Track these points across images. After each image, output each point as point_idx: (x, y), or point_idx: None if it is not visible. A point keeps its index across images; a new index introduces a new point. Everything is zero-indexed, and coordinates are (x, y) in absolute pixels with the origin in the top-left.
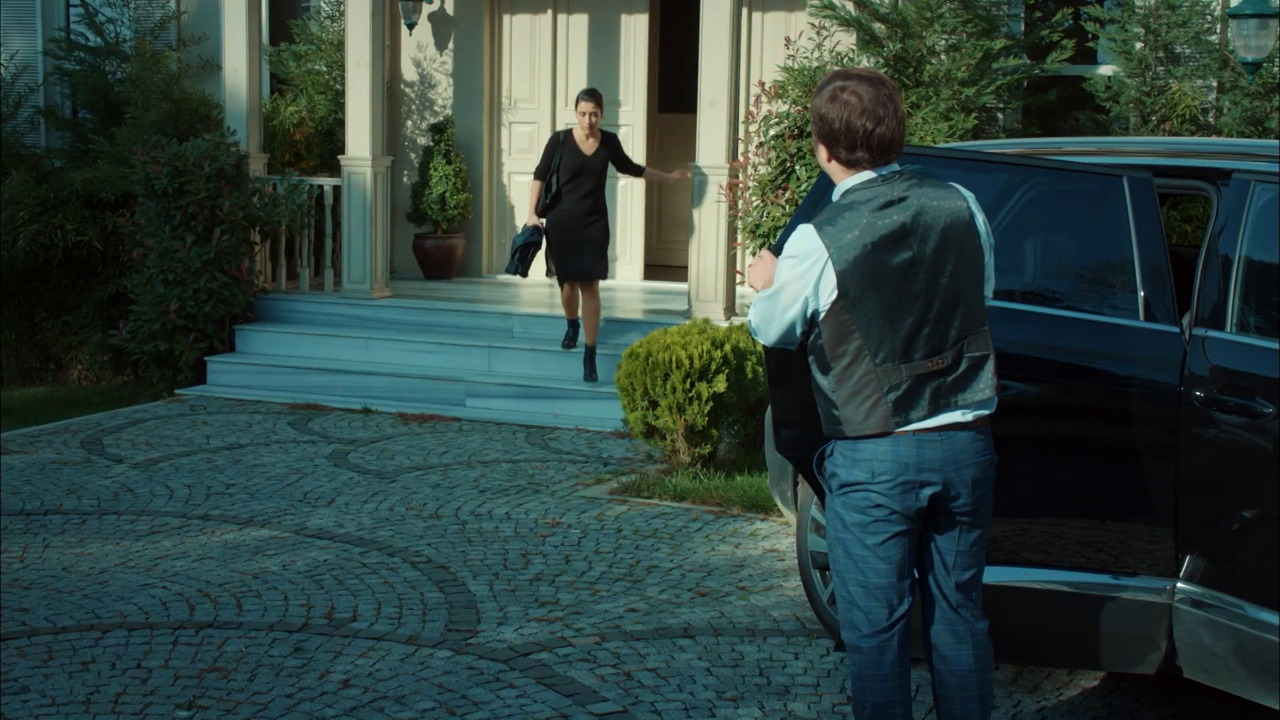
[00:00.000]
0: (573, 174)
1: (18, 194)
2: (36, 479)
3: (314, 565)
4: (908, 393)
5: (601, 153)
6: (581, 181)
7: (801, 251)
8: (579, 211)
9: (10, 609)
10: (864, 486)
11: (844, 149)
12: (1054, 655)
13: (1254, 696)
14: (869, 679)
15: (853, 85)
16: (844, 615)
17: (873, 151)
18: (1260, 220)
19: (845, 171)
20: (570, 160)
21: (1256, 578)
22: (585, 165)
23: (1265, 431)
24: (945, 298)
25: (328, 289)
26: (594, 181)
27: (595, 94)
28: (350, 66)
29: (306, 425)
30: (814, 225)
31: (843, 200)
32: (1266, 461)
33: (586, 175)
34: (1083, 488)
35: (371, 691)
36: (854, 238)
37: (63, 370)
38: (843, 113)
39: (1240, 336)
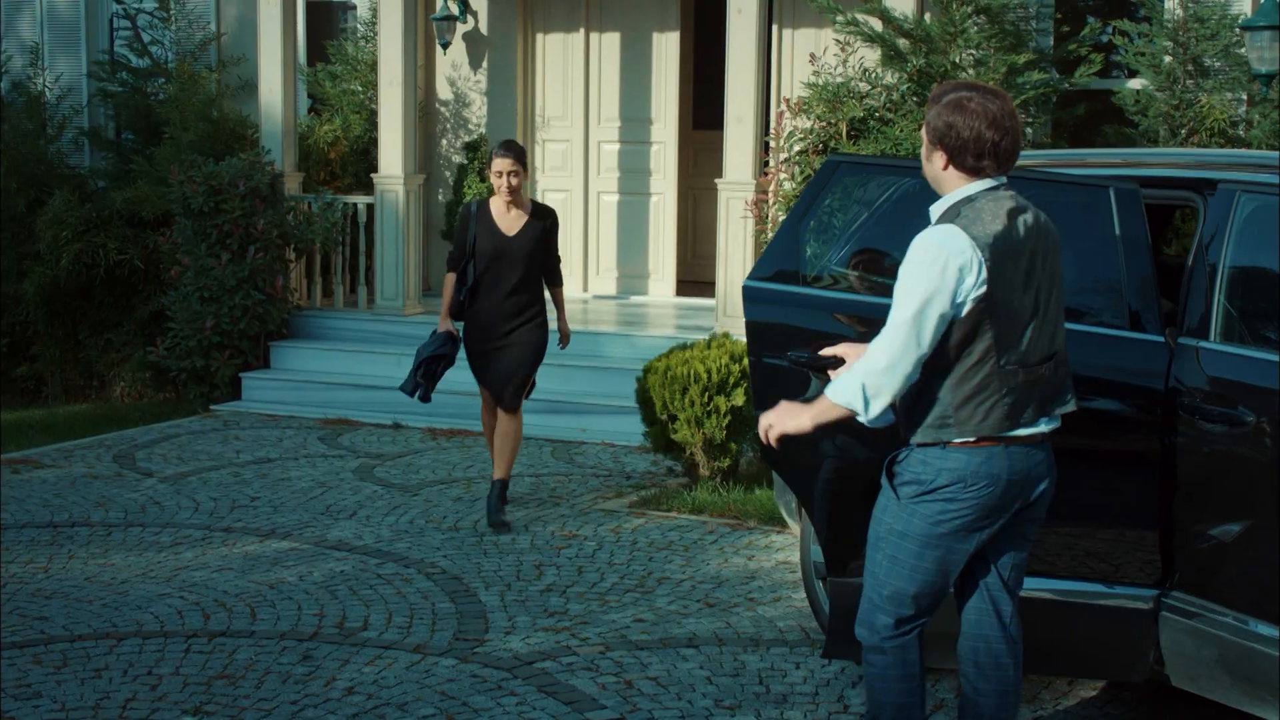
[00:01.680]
0: (490, 259)
1: (61, 213)
2: (67, 492)
3: (330, 576)
4: (1022, 397)
5: (530, 232)
6: (503, 269)
7: (953, 249)
8: (502, 312)
9: (31, 617)
10: (949, 495)
11: (971, 157)
12: (1042, 662)
13: (1238, 704)
14: (894, 679)
15: (978, 96)
16: (865, 616)
17: (998, 160)
18: (1244, 230)
19: (964, 179)
20: (486, 241)
21: (1240, 586)
22: (505, 248)
23: (1247, 440)
24: (1051, 305)
25: (361, 306)
26: (520, 270)
27: (515, 147)
28: (383, 86)
29: (336, 440)
30: (957, 225)
31: (967, 206)
32: (1249, 470)
33: (509, 262)
34: (1069, 496)
35: (375, 699)
36: (999, 238)
37: (106, 387)
38: (973, 122)
39: (1223, 346)
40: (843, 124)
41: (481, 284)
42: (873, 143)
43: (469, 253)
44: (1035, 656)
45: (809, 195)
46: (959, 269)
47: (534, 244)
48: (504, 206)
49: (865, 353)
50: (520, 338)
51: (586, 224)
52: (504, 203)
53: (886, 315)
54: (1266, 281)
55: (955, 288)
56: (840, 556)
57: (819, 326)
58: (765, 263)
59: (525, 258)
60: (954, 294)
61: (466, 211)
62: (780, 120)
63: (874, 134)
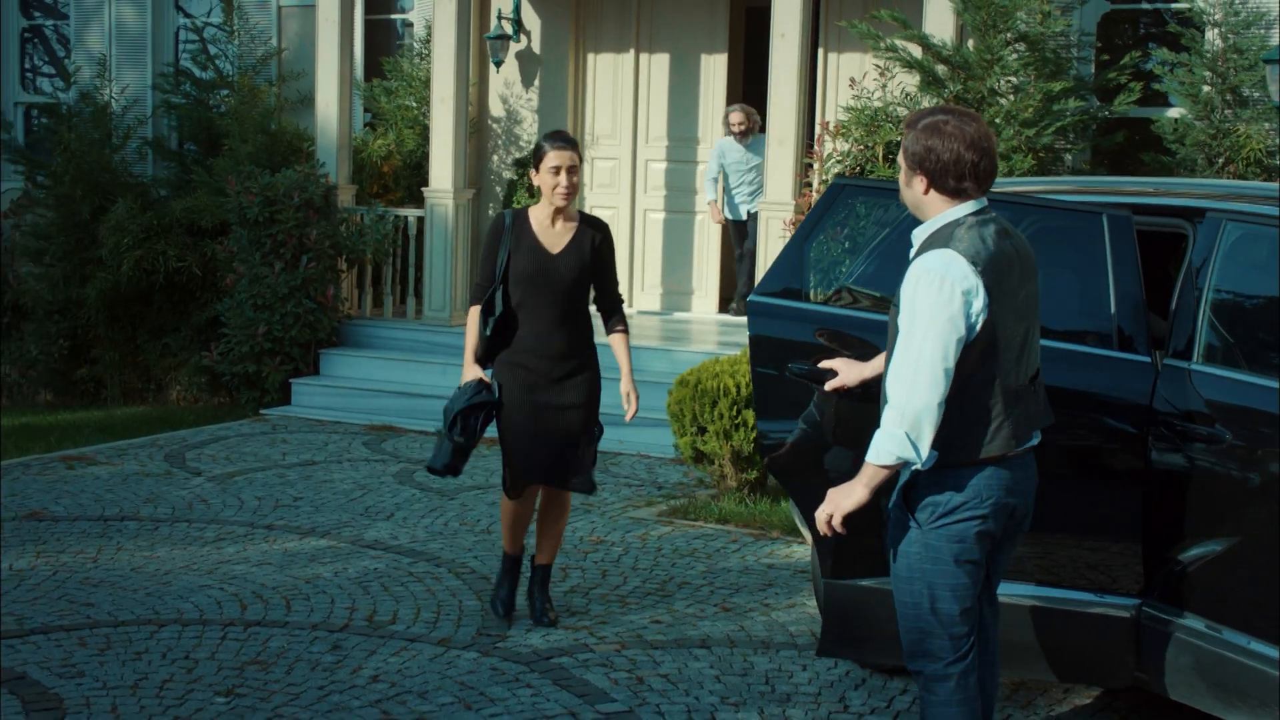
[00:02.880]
0: (528, 284)
1: (124, 221)
2: (119, 488)
3: (364, 573)
4: (1020, 415)
5: (579, 248)
6: (545, 297)
7: (956, 275)
8: (547, 352)
9: (79, 603)
10: (969, 513)
11: (953, 179)
12: (1029, 666)
13: (1212, 709)
14: (959, 703)
15: (954, 119)
16: (920, 648)
17: (978, 182)
18: (1229, 256)
19: (947, 202)
20: (524, 260)
21: (1214, 596)
22: (548, 269)
23: (1225, 458)
24: (1033, 325)
25: (410, 316)
26: (567, 298)
27: (570, 138)
28: (435, 102)
29: (380, 445)
30: (952, 249)
31: (957, 229)
32: (1226, 487)
33: (553, 286)
34: (1057, 508)
35: (397, 686)
36: (994, 260)
37: (163, 391)
38: (951, 144)
39: (1205, 367)
40: (879, 147)
41: (517, 316)
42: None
43: (499, 277)
44: (1025, 660)
45: (814, 216)
46: (964, 294)
47: (584, 264)
48: (548, 217)
49: (890, 397)
50: (574, 394)
51: (633, 241)
52: (550, 211)
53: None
54: (1248, 306)
55: (965, 312)
56: (835, 560)
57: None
58: (770, 279)
59: (574, 281)
60: (966, 318)
61: (498, 225)
62: (820, 142)
63: None
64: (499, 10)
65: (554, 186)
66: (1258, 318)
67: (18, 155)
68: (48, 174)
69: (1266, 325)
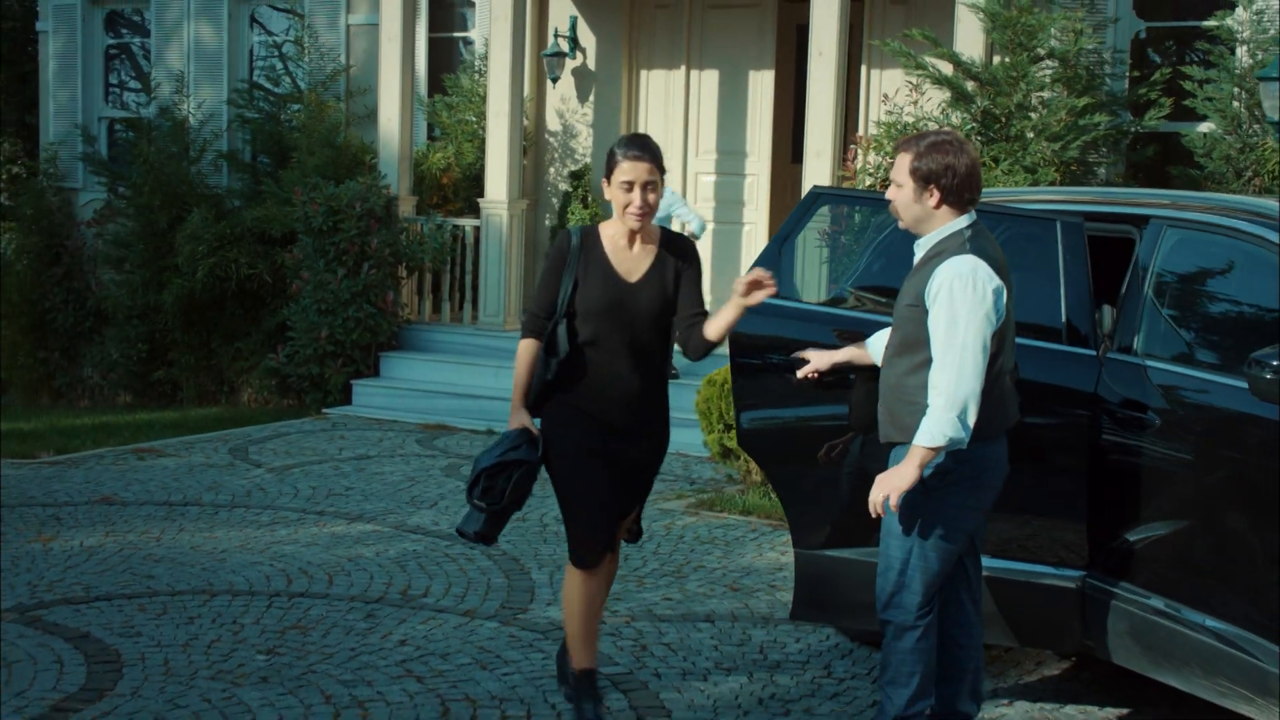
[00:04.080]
0: (601, 318)
1: (199, 230)
2: (184, 478)
3: (403, 554)
4: (1010, 398)
5: (662, 275)
6: (622, 334)
7: (984, 276)
8: (621, 400)
9: (141, 575)
10: (971, 484)
11: (968, 192)
12: (991, 632)
13: (1144, 670)
14: (924, 650)
15: (955, 140)
16: (894, 600)
17: (977, 195)
18: (1168, 259)
19: (952, 214)
20: (597, 290)
21: (1149, 569)
22: (626, 301)
23: (1154, 441)
24: (1013, 320)
25: (466, 321)
26: (647, 334)
27: (652, 145)
28: (491, 116)
29: (432, 443)
30: (974, 255)
31: (969, 237)
32: (1156, 469)
33: (630, 321)
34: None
35: (422, 649)
36: (1002, 264)
37: (235, 393)
38: (965, 160)
39: (1142, 360)
40: None
41: (586, 356)
42: None
43: (563, 308)
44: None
45: (791, 221)
46: (994, 292)
47: (666, 296)
48: (623, 236)
49: (937, 387)
50: (643, 449)
51: None
52: (627, 233)
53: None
54: (1183, 305)
55: (995, 307)
56: (806, 532)
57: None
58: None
59: (654, 316)
60: (995, 313)
61: (563, 245)
62: (852, 156)
63: None
64: (555, 29)
65: (625, 205)
66: (1191, 316)
67: (101, 167)
68: (128, 185)
69: (1198, 322)
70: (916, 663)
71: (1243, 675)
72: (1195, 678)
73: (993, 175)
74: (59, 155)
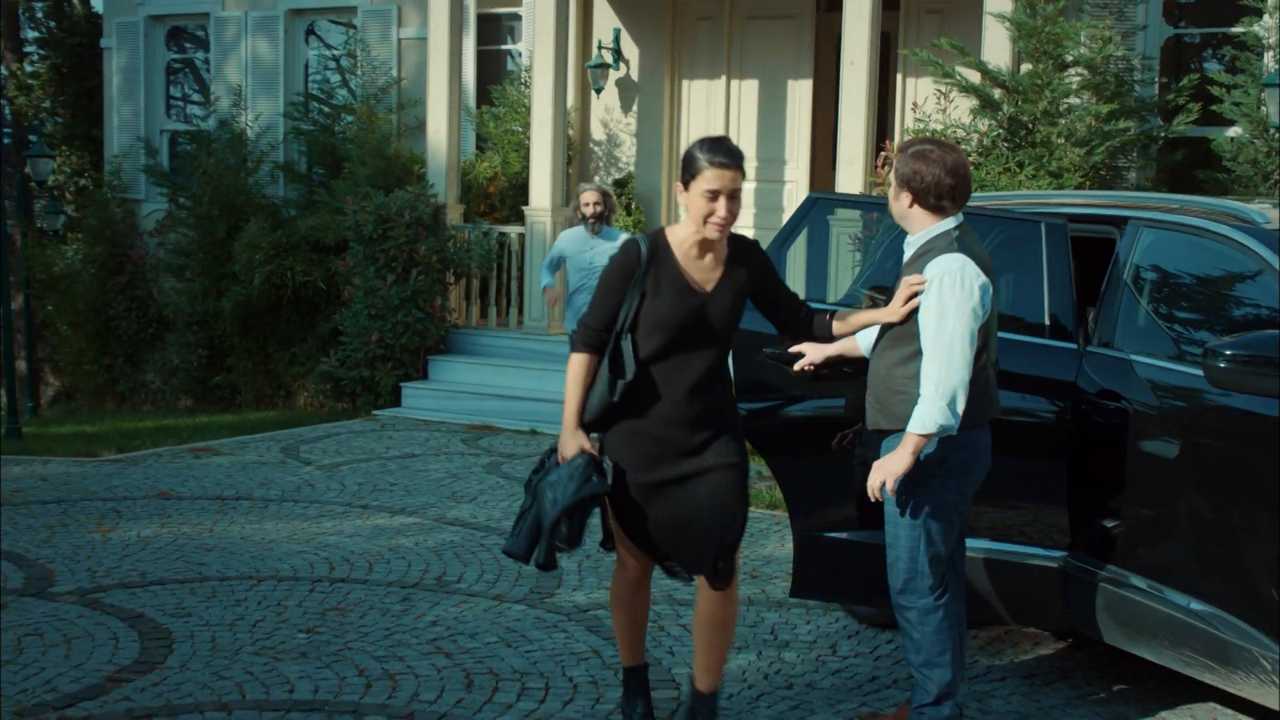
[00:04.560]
0: (674, 335)
1: (255, 239)
2: (238, 474)
3: (441, 544)
4: (995, 389)
5: (735, 284)
6: (694, 350)
7: (971, 274)
8: (687, 419)
9: (193, 563)
10: (965, 469)
11: (933, 197)
12: (986, 610)
13: (1120, 644)
14: (948, 629)
15: (937, 149)
16: (909, 585)
17: (955, 201)
18: (1144, 257)
19: (929, 217)
20: (672, 305)
21: (1121, 548)
22: (701, 315)
23: (1130, 430)
24: (995, 315)
25: (511, 325)
26: (718, 348)
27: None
28: (534, 127)
29: (476, 442)
30: (962, 254)
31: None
32: (1133, 454)
33: (703, 337)
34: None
35: (451, 629)
36: (987, 263)
37: (291, 397)
38: (934, 169)
39: (1118, 352)
40: None
41: (654, 375)
42: None
43: (626, 323)
44: (982, 605)
45: (790, 224)
46: (980, 288)
47: (739, 301)
48: (697, 246)
49: (928, 378)
50: (721, 455)
51: None
52: (700, 241)
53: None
54: (1156, 300)
55: (981, 302)
56: (805, 516)
57: None
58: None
59: (728, 326)
60: (982, 308)
61: (630, 255)
62: (882, 163)
63: None
64: (599, 41)
65: (708, 215)
66: (1163, 310)
67: (162, 179)
68: (188, 196)
69: (1169, 317)
70: (945, 641)
71: (1205, 646)
72: (1164, 649)
73: (1018, 180)
74: (123, 168)
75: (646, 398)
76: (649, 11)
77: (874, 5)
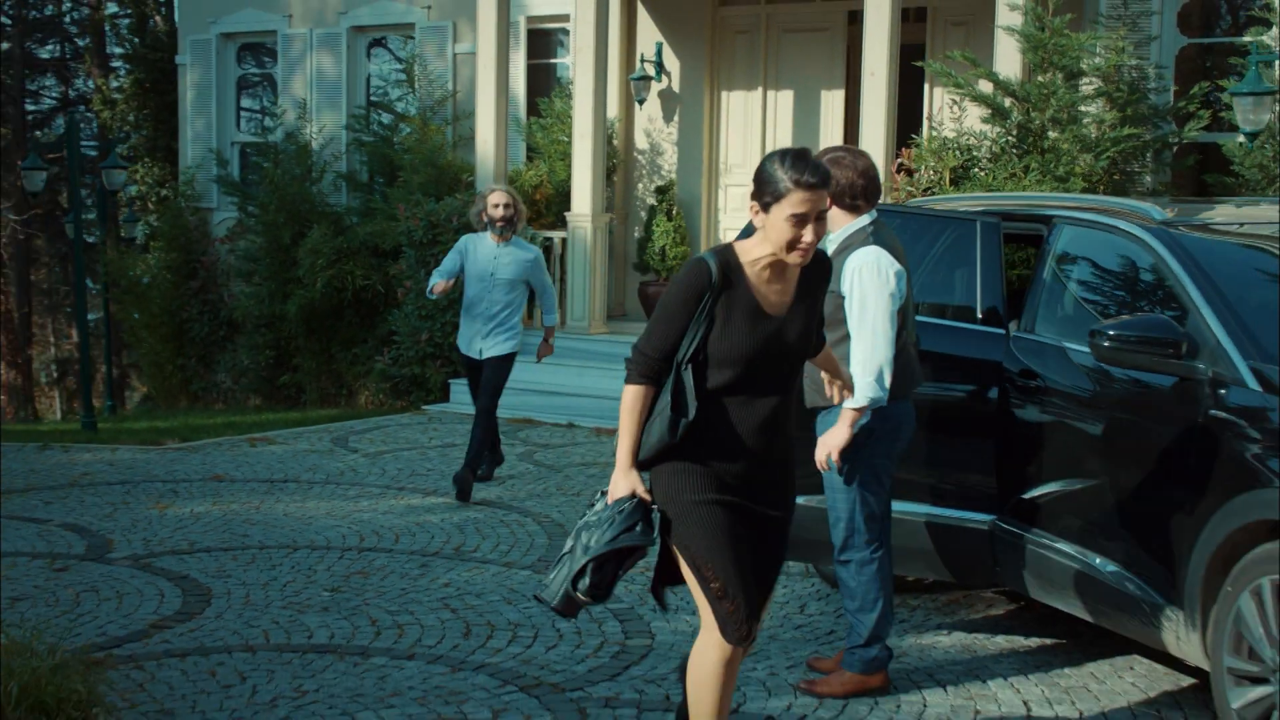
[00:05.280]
0: (748, 364)
1: (318, 245)
2: (289, 460)
3: (465, 520)
4: (916, 364)
5: (809, 304)
6: (768, 381)
7: (887, 263)
8: (764, 458)
9: (237, 534)
10: (893, 436)
11: (848, 198)
12: (928, 568)
13: (1038, 596)
14: (884, 579)
15: (849, 155)
16: (849, 542)
17: (868, 199)
18: (1062, 251)
19: (846, 216)
20: (744, 334)
21: (1045, 513)
22: (777, 341)
23: (1044, 405)
24: (911, 298)
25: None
26: (794, 376)
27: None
28: (576, 138)
29: (515, 434)
30: (876, 246)
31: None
32: (1048, 427)
33: (778, 365)
34: (943, 445)
35: (461, 590)
36: (900, 253)
37: (353, 396)
38: (846, 173)
39: (1041, 336)
40: (946, 172)
41: (719, 411)
42: (965, 188)
43: (688, 353)
44: (924, 563)
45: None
46: (895, 275)
47: (811, 325)
48: (770, 268)
49: (855, 359)
50: (777, 505)
51: None
52: (774, 263)
53: None
54: (1073, 288)
55: (898, 288)
56: None
57: None
58: None
59: (801, 353)
60: (898, 293)
61: (700, 278)
62: (897, 168)
63: (968, 181)
64: (642, 54)
65: (791, 241)
66: (1076, 297)
67: (232, 188)
68: (257, 204)
69: (1080, 303)
70: (879, 589)
71: (1108, 598)
72: (1074, 601)
73: (1022, 185)
74: (196, 178)
75: (709, 437)
76: (690, 26)
77: (893, 18)
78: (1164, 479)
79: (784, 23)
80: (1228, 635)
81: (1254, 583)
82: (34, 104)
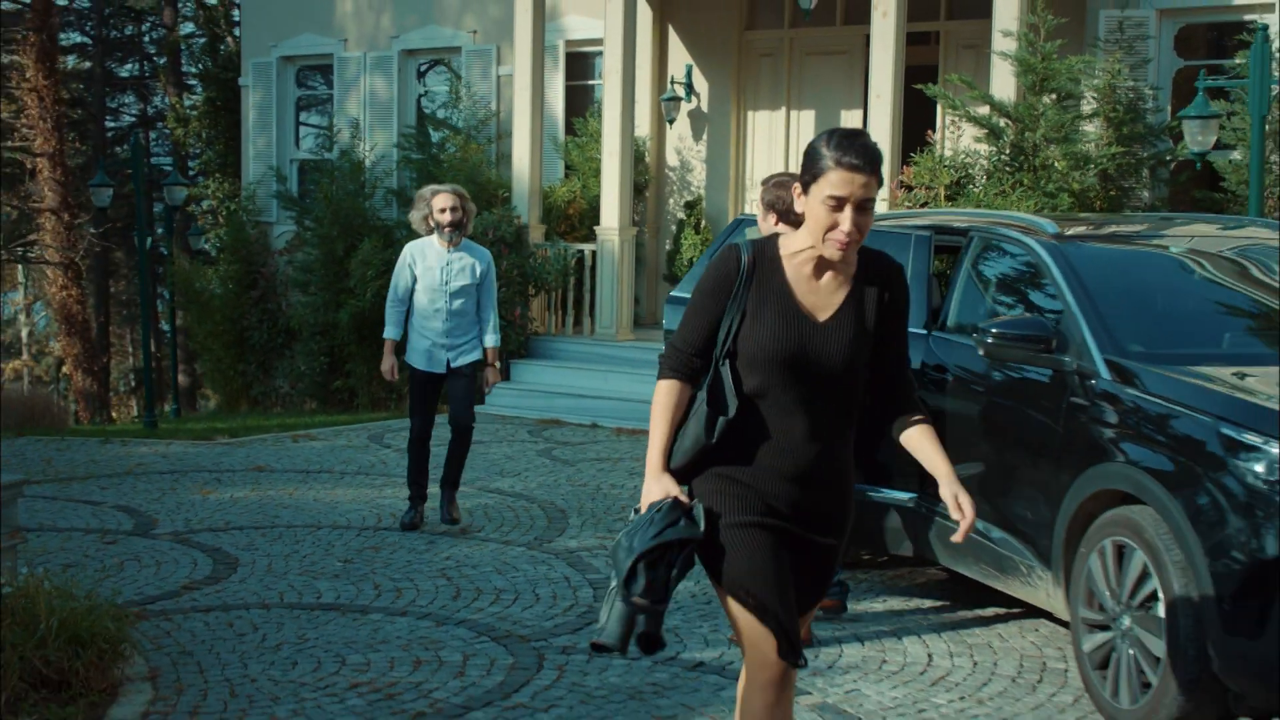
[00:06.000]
0: (783, 368)
1: (369, 256)
2: (325, 454)
3: (476, 505)
4: None
5: (862, 310)
6: (802, 389)
7: None
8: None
9: (269, 515)
10: None
11: (794, 216)
12: (863, 542)
13: (950, 565)
14: None
15: (788, 179)
16: None
17: None
18: (974, 261)
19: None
20: (773, 332)
21: None
22: (814, 346)
23: (952, 396)
24: None
25: (586, 333)
26: (841, 389)
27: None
28: (605, 156)
29: (540, 433)
30: None
31: None
32: (953, 413)
33: (819, 373)
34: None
35: (460, 563)
36: None
37: (403, 400)
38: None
39: (951, 336)
40: (940, 188)
41: (762, 414)
42: (959, 203)
43: (724, 348)
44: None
45: (720, 239)
46: None
47: (865, 337)
48: (812, 264)
49: None
50: (827, 530)
51: None
52: (817, 258)
53: None
54: (978, 292)
55: None
56: None
57: None
58: (683, 284)
59: (847, 366)
60: None
61: (730, 264)
62: (897, 185)
63: (962, 196)
64: (672, 76)
65: (828, 228)
66: (980, 300)
67: (291, 203)
68: (313, 219)
69: (982, 305)
70: None
71: (996, 562)
72: (972, 565)
73: (1009, 201)
74: (257, 193)
75: (750, 441)
76: (718, 49)
77: (898, 44)
78: (1038, 457)
79: (806, 46)
80: (1081, 590)
81: (1099, 544)
82: (114, 120)
